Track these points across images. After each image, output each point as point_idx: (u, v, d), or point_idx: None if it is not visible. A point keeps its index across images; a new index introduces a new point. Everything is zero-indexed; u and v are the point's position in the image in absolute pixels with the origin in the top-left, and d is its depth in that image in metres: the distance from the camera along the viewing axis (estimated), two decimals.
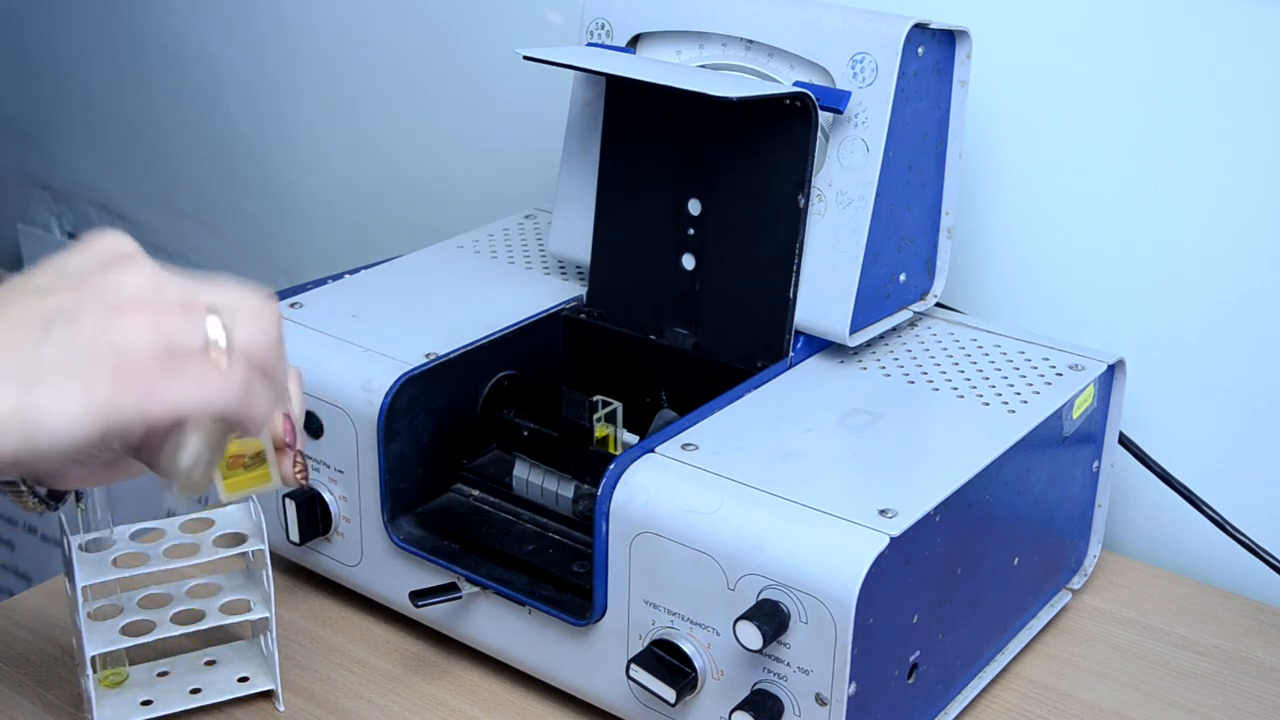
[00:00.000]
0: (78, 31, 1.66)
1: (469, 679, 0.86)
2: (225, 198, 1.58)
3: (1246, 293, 0.95)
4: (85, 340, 0.49)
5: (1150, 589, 0.96)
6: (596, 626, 0.78)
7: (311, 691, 0.85)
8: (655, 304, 0.93)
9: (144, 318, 0.50)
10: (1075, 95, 0.98)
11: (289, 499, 0.88)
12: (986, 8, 0.98)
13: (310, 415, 0.87)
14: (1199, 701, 0.85)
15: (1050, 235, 1.01)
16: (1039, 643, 0.90)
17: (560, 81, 0.99)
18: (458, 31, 1.30)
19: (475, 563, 0.84)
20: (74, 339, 0.49)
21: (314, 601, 0.93)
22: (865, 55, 0.84)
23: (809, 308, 0.87)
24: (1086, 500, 0.93)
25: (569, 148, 0.96)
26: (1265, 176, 0.92)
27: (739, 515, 0.72)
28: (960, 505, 0.75)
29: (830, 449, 0.78)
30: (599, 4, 0.94)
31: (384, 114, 1.39)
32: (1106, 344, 0.96)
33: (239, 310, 0.53)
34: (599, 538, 0.76)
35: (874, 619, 0.70)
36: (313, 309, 0.94)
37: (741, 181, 0.87)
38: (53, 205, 1.81)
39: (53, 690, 0.85)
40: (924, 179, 0.89)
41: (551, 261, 1.03)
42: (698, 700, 0.75)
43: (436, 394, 0.87)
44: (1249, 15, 0.90)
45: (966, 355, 0.90)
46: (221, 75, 1.52)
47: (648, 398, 0.93)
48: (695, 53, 0.91)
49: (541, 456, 0.86)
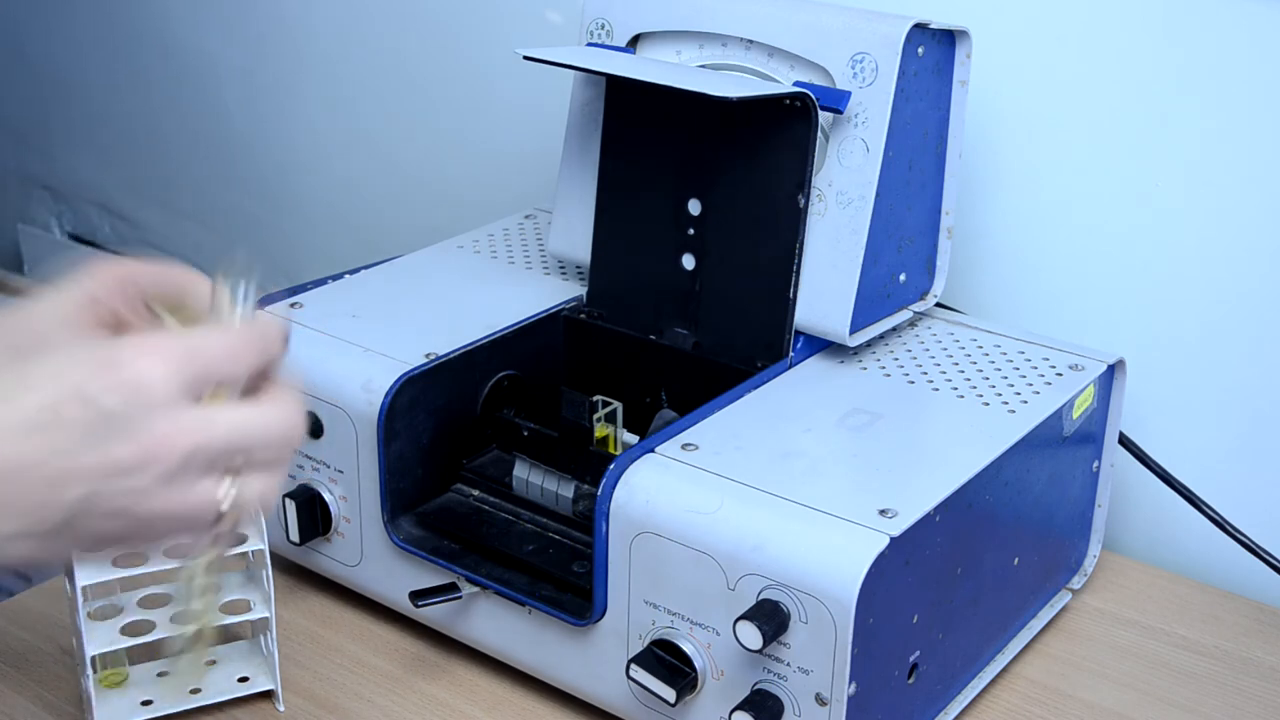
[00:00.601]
0: (78, 32, 1.66)
1: (469, 679, 0.86)
2: (225, 198, 1.58)
3: (1246, 293, 0.95)
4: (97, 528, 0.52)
5: (1150, 589, 0.96)
6: (596, 626, 0.78)
7: (311, 691, 0.85)
8: (655, 304, 0.93)
9: (148, 513, 0.52)
10: (1075, 95, 0.98)
11: (289, 499, 0.88)
12: (986, 8, 0.98)
13: (310, 415, 0.87)
14: (1199, 701, 0.85)
15: (1050, 235, 1.01)
16: (1039, 643, 0.90)
17: (560, 81, 0.99)
18: (458, 31, 1.30)
19: (475, 563, 0.84)
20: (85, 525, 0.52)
21: (314, 601, 0.93)
22: (865, 55, 0.84)
23: (809, 308, 0.87)
24: (1086, 500, 0.93)
25: (569, 148, 0.96)
26: (1265, 177, 0.92)
27: (739, 515, 0.72)
28: (960, 505, 0.75)
29: (830, 449, 0.78)
30: (599, 4, 0.94)
31: (384, 114, 1.39)
32: (1106, 344, 0.96)
33: (257, 460, 0.55)
34: (599, 538, 0.76)
35: (874, 619, 0.70)
36: (313, 309, 0.94)
37: (741, 181, 0.87)
38: (53, 205, 1.81)
39: (53, 690, 0.85)
40: (924, 179, 0.89)
41: (551, 261, 1.03)
42: (698, 700, 0.75)
43: (436, 394, 0.87)
44: (1249, 15, 0.90)
45: (966, 355, 0.90)
46: (221, 75, 1.52)
47: (648, 398, 0.93)
48: (695, 53, 0.91)
49: (541, 456, 0.86)
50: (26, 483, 0.51)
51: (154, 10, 1.55)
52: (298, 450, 0.56)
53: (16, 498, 0.51)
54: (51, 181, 1.80)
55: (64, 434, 0.51)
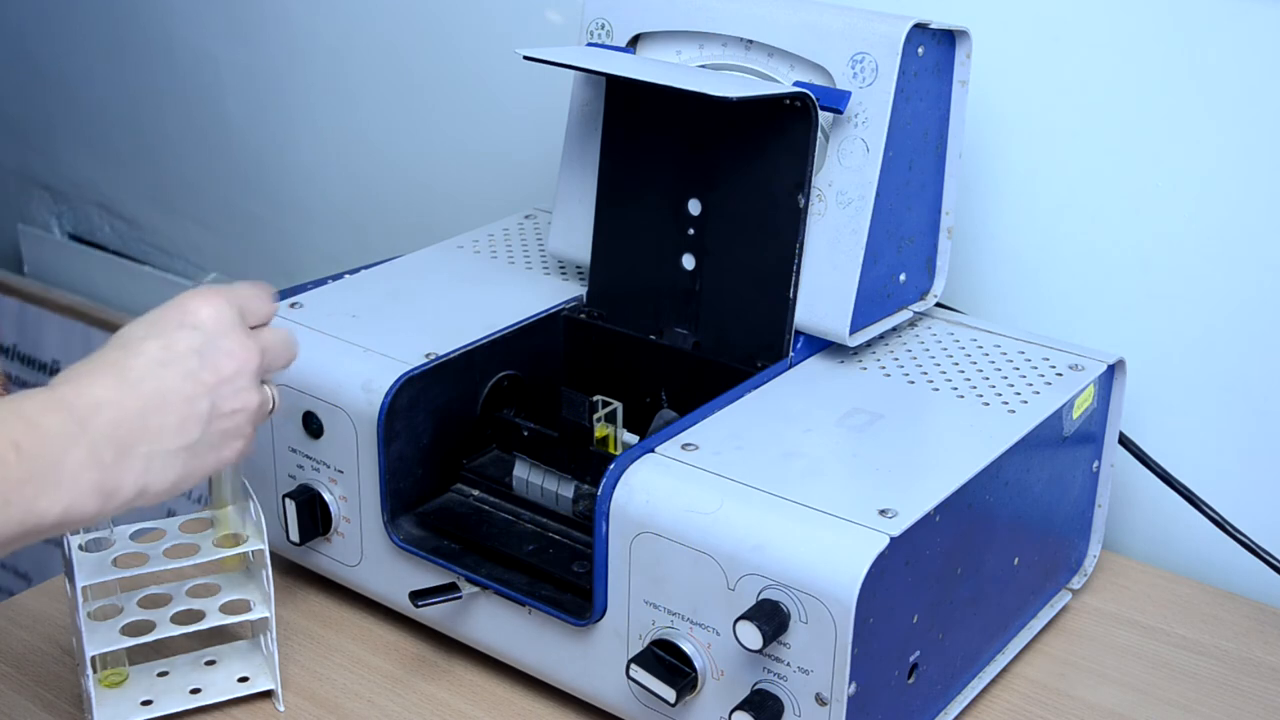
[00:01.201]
0: (79, 33, 1.66)
1: (469, 679, 0.86)
2: (225, 198, 1.59)
3: (1246, 293, 0.95)
4: (219, 429, 0.68)
5: (1150, 589, 0.96)
6: (596, 626, 0.78)
7: (311, 691, 0.85)
8: (655, 304, 0.93)
9: (246, 411, 0.70)
10: (1075, 95, 0.98)
11: (289, 499, 0.88)
12: (986, 8, 0.98)
13: (310, 415, 0.87)
14: (1199, 701, 0.85)
15: (1050, 235, 1.01)
16: (1039, 643, 0.90)
17: (560, 82, 0.99)
18: (458, 32, 1.30)
19: (475, 563, 0.84)
20: (213, 428, 0.68)
21: (314, 601, 0.93)
22: (865, 55, 0.84)
23: (809, 308, 0.87)
24: (1086, 500, 0.93)
25: (569, 148, 0.96)
26: (1265, 177, 0.92)
27: (739, 515, 0.72)
28: (960, 505, 0.75)
29: (830, 449, 0.78)
30: (599, 4, 0.94)
31: (384, 114, 1.39)
32: (1106, 344, 0.96)
33: (283, 361, 0.74)
34: (599, 538, 0.76)
35: (874, 619, 0.70)
36: (313, 309, 0.94)
37: (741, 181, 0.87)
38: (53, 205, 1.81)
39: (53, 690, 0.85)
40: (924, 179, 0.89)
41: (551, 261, 1.03)
42: (698, 700, 0.75)
43: (436, 394, 0.87)
44: (1249, 15, 0.90)
45: (966, 355, 0.90)
46: (222, 76, 1.52)
47: (648, 398, 0.93)
48: (695, 53, 0.91)
49: (541, 456, 0.86)
50: (172, 404, 0.66)
51: (155, 11, 1.55)
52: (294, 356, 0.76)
53: (169, 417, 0.65)
54: (51, 181, 1.80)
55: (182, 362, 0.67)
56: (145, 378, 0.65)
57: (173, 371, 0.66)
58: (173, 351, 0.66)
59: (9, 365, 1.80)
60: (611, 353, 0.94)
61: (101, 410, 0.63)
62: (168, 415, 0.65)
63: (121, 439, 0.63)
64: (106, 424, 0.63)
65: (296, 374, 0.87)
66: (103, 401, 0.63)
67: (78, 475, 0.61)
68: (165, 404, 0.65)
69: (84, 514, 0.62)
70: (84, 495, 0.62)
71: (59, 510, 0.61)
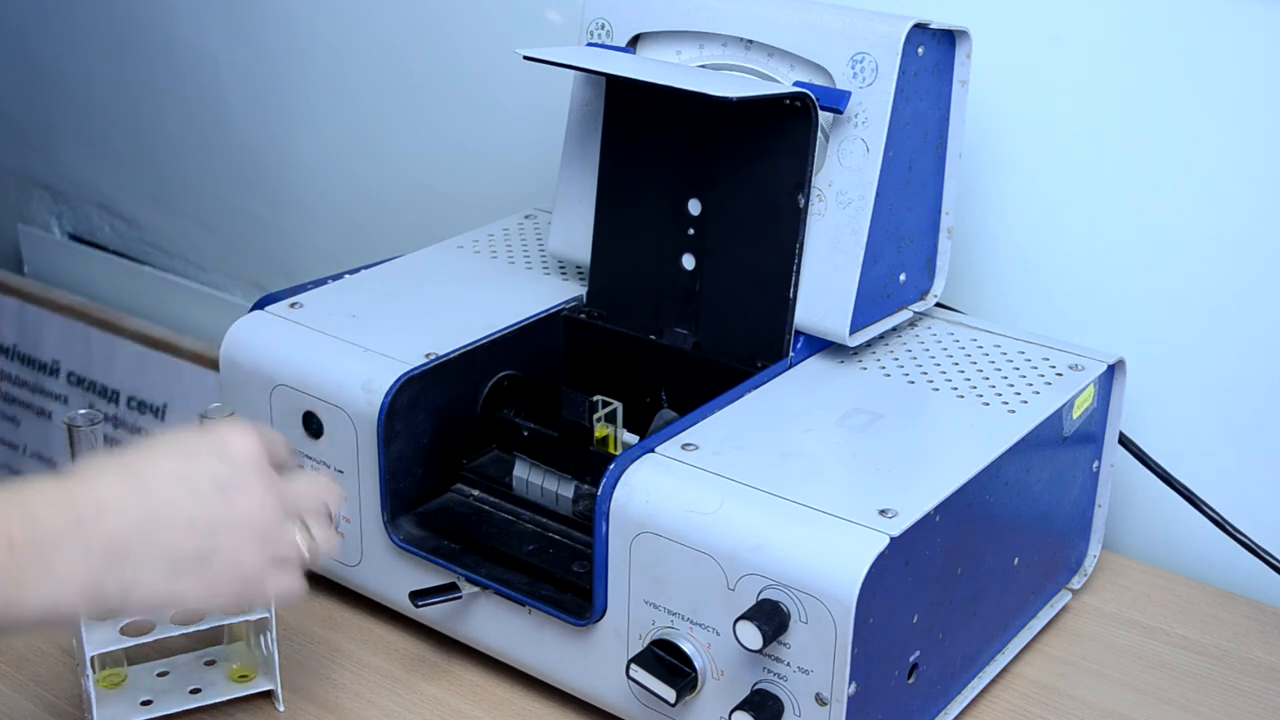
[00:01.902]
0: (79, 33, 1.66)
1: (469, 679, 0.86)
2: (225, 198, 1.59)
3: (1247, 293, 0.95)
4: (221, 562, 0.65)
5: (1150, 589, 0.96)
6: (596, 626, 0.78)
7: (311, 691, 0.85)
8: (655, 304, 0.93)
9: (261, 551, 0.66)
10: (1075, 95, 0.98)
11: None
12: (986, 8, 0.98)
13: (310, 415, 0.87)
14: (1199, 701, 0.85)
15: (1050, 235, 1.01)
16: (1039, 643, 0.90)
17: (560, 82, 0.99)
18: (458, 32, 1.30)
19: (475, 563, 0.84)
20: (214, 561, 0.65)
21: (314, 601, 0.93)
22: (865, 55, 0.84)
23: (809, 308, 0.87)
24: (1086, 500, 0.93)
25: (569, 148, 0.96)
26: (1265, 176, 0.92)
27: (739, 515, 0.72)
28: (960, 505, 0.75)
29: (830, 449, 0.78)
30: (599, 4, 0.94)
31: (384, 114, 1.39)
32: (1106, 344, 0.96)
33: (316, 507, 0.71)
34: (599, 538, 0.76)
35: (874, 619, 0.70)
36: (313, 309, 0.93)
37: (741, 181, 0.87)
38: (53, 205, 1.81)
39: (53, 690, 0.85)
40: (924, 179, 0.89)
41: (551, 261, 1.03)
42: (698, 700, 0.75)
43: (436, 394, 0.87)
44: (1249, 15, 0.90)
45: (966, 355, 0.90)
46: (222, 76, 1.52)
47: (648, 398, 0.93)
48: (695, 53, 0.91)
49: (541, 456, 0.86)
50: (173, 521, 0.63)
51: (155, 11, 1.55)
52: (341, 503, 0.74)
53: (165, 534, 0.63)
54: (51, 181, 1.80)
55: (198, 485, 0.64)
56: (155, 488, 0.64)
57: (185, 490, 0.64)
58: (192, 472, 0.65)
59: (9, 365, 1.80)
60: (611, 353, 0.94)
61: (104, 513, 0.62)
62: (164, 532, 0.63)
63: (117, 544, 0.62)
64: (107, 527, 0.62)
65: (296, 374, 0.87)
66: (107, 503, 0.62)
67: (68, 575, 0.60)
68: (167, 519, 0.63)
69: (67, 612, 0.61)
70: (70, 594, 0.61)
71: (44, 606, 0.60)
